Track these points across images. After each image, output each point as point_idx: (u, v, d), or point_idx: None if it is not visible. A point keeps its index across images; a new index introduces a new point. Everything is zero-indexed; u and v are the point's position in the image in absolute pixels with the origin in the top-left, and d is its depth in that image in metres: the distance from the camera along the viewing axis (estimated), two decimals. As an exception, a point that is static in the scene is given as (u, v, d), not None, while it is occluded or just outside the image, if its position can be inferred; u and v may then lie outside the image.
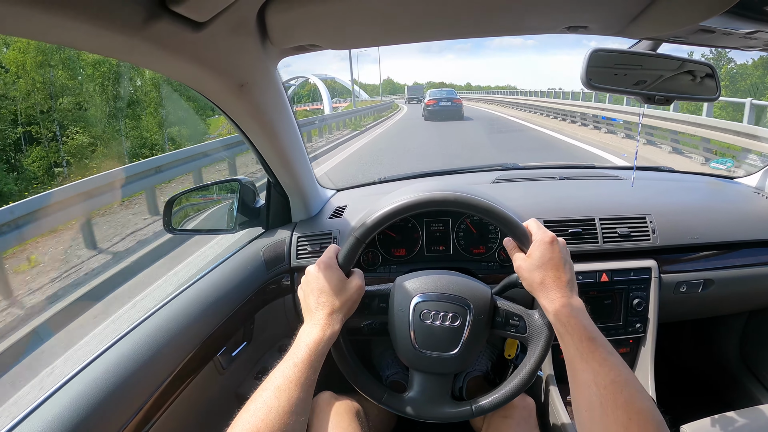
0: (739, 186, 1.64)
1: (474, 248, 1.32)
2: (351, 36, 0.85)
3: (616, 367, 0.69)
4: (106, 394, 0.78)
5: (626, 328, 1.30)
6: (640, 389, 0.67)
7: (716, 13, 0.64)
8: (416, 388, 0.94)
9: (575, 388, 0.72)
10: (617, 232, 1.31)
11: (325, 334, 0.80)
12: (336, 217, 1.40)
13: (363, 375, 0.94)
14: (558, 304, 0.78)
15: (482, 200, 0.91)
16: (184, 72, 0.79)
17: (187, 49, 0.70)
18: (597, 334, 0.74)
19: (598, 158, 8.73)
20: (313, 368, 0.77)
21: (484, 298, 0.92)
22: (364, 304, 0.93)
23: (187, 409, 0.97)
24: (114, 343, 0.89)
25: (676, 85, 0.97)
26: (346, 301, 0.85)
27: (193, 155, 8.19)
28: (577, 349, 0.72)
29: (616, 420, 0.62)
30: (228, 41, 0.75)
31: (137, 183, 6.65)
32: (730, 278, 1.37)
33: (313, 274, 0.89)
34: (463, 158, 10.17)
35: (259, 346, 1.29)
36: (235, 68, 0.84)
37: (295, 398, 0.72)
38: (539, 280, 0.82)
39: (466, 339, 0.89)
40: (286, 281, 1.31)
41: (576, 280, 0.83)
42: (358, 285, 0.88)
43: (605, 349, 0.71)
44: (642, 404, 0.64)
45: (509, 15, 0.78)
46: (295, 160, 1.22)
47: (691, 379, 1.90)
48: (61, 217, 5.27)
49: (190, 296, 1.07)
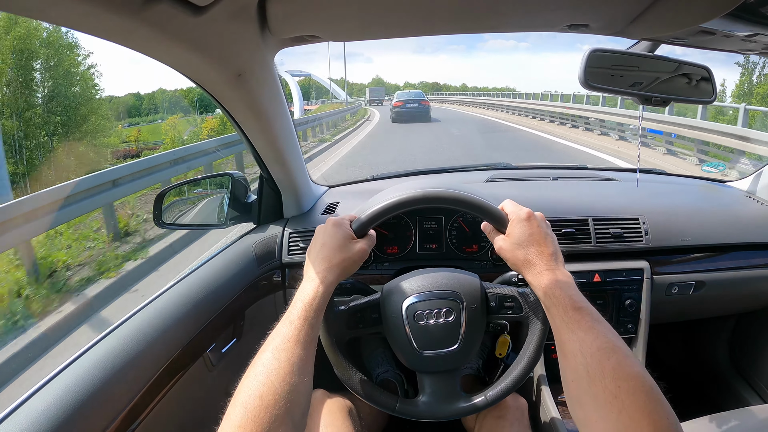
0: (731, 189, 1.65)
1: (467, 247, 1.32)
2: (351, 28, 0.84)
3: (603, 333, 0.67)
4: (94, 389, 0.76)
5: (618, 329, 1.30)
6: (629, 354, 0.65)
7: (718, 14, 0.63)
8: (427, 390, 0.92)
9: (562, 360, 0.69)
10: (610, 233, 1.31)
11: (320, 288, 0.78)
12: (328, 214, 1.39)
13: (371, 387, 0.92)
14: (544, 279, 0.76)
15: (448, 191, 0.90)
16: (182, 59, 0.78)
17: (186, 34, 0.69)
18: (584, 304, 0.72)
19: (596, 160, 8.77)
20: (310, 324, 0.74)
21: (473, 287, 0.91)
22: (356, 318, 0.92)
23: (176, 405, 0.96)
24: (102, 338, 0.87)
25: (673, 88, 0.98)
26: (345, 259, 0.83)
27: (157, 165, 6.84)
28: (563, 320, 0.70)
29: (605, 388, 0.60)
30: (227, 28, 0.74)
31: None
32: (721, 280, 1.38)
33: (320, 230, 0.87)
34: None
35: (249, 342, 1.27)
36: (232, 57, 0.83)
37: (295, 357, 0.69)
38: (522, 258, 0.80)
39: (465, 331, 0.88)
40: (278, 277, 1.30)
41: (560, 252, 0.82)
42: (362, 248, 0.86)
43: (591, 317, 0.69)
44: (631, 369, 0.61)
45: (512, 11, 0.78)
46: (289, 154, 1.21)
47: (681, 380, 1.91)
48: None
49: (181, 291, 1.05)
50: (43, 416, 0.69)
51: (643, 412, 0.56)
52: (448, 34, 0.87)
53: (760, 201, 1.51)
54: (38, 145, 15.84)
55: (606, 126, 11.98)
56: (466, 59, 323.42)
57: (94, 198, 5.35)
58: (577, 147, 10.85)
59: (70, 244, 5.35)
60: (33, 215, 4.37)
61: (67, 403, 0.72)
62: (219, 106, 0.99)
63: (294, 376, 0.67)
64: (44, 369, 3.11)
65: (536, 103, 17.37)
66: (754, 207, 1.49)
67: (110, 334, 0.89)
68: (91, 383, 0.77)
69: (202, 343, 1.04)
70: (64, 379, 0.76)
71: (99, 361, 0.81)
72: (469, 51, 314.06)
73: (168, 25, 0.64)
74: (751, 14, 0.66)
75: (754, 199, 1.53)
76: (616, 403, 0.58)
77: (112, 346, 0.85)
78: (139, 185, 6.33)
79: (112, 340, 0.87)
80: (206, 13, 0.65)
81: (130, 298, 4.04)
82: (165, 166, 7.05)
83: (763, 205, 1.49)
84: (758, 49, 0.85)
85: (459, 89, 35.89)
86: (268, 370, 0.67)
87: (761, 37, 0.76)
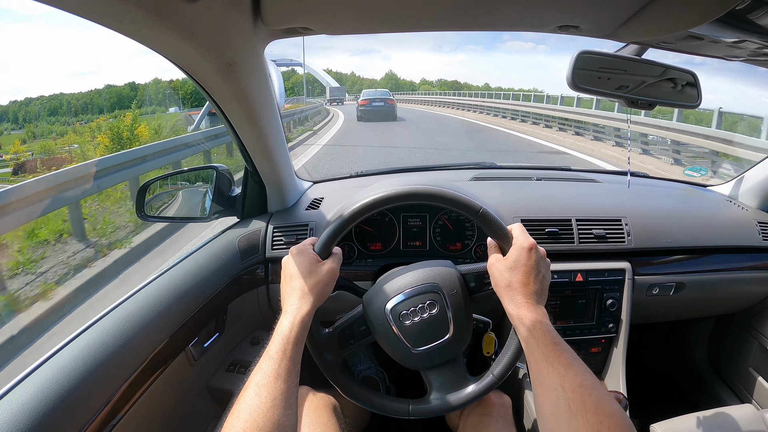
0: (712, 194, 1.68)
1: (450, 245, 1.33)
2: (343, 21, 0.84)
3: (582, 371, 0.68)
4: (76, 383, 0.75)
5: (599, 328, 1.32)
6: (607, 394, 0.67)
7: (707, 20, 0.64)
8: (435, 384, 0.93)
9: (540, 392, 0.71)
10: (593, 234, 1.33)
11: (296, 319, 0.78)
12: (313, 209, 1.39)
13: (381, 398, 0.93)
14: (523, 310, 0.77)
15: (470, 199, 0.90)
16: (173, 46, 0.78)
17: (179, 21, 0.68)
18: (560, 340, 0.73)
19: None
20: (289, 358, 0.74)
21: (449, 274, 0.92)
22: (346, 335, 0.92)
23: (157, 400, 0.95)
24: (83, 331, 0.86)
25: (658, 91, 0.99)
26: (316, 284, 0.83)
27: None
28: (542, 353, 0.72)
29: (586, 423, 0.61)
30: (221, 16, 0.73)
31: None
32: (701, 282, 1.41)
33: (285, 262, 0.87)
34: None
35: (232, 337, 1.27)
36: (224, 46, 0.82)
37: (277, 392, 0.70)
38: (506, 282, 0.81)
39: (453, 318, 0.89)
40: (261, 272, 1.29)
41: (547, 294, 0.83)
42: (330, 267, 0.86)
43: (570, 354, 0.71)
44: (611, 408, 0.63)
45: (503, 10, 0.78)
46: (275, 147, 1.20)
47: (661, 380, 1.95)
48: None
49: (163, 285, 1.04)
50: (22, 410, 0.68)
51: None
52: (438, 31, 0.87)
53: (740, 205, 1.54)
54: None
55: (599, 130, 11.83)
56: (486, 59, 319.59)
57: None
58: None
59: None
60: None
61: (48, 397, 0.71)
62: (207, 96, 0.98)
63: (276, 410, 0.68)
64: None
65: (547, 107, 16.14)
66: (735, 211, 1.52)
67: (91, 327, 0.87)
68: (73, 377, 0.76)
69: (184, 337, 1.03)
70: (44, 372, 0.75)
71: (80, 354, 0.80)
72: (487, 51, 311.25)
73: (162, 10, 0.64)
74: (738, 21, 0.66)
75: (735, 204, 1.56)
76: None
77: (93, 339, 0.84)
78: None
79: (94, 334, 0.85)
80: (201, 0, 0.65)
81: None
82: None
83: (744, 209, 1.52)
84: (744, 56, 0.86)
85: (482, 89, 34.77)
86: (250, 407, 0.68)
87: (748, 44, 0.77)
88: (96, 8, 0.60)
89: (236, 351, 1.30)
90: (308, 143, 12.27)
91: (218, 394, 1.18)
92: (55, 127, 29.07)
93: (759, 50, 0.80)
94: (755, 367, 1.57)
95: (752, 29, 0.70)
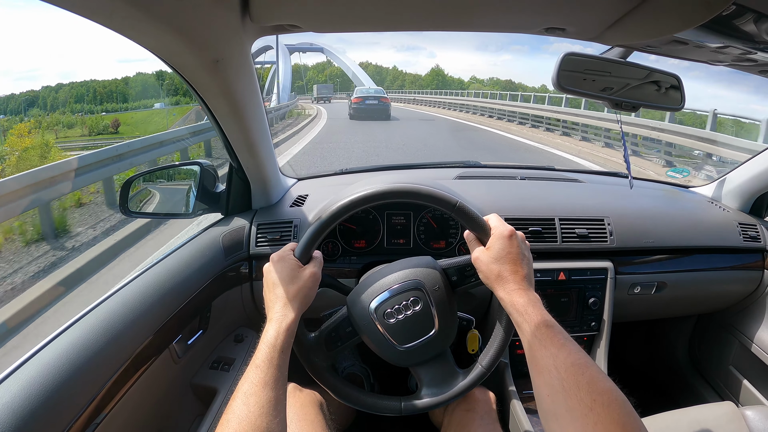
0: (694, 195, 1.71)
1: (434, 242, 1.33)
2: (330, 19, 0.84)
3: (575, 350, 0.69)
4: (59, 381, 0.75)
5: (581, 326, 1.34)
6: (601, 371, 0.67)
7: (692, 25, 0.65)
8: (425, 380, 0.93)
9: (536, 374, 0.71)
10: (576, 233, 1.34)
11: (281, 327, 0.78)
12: (297, 206, 1.38)
13: (372, 398, 0.93)
14: (516, 296, 0.78)
15: (444, 193, 0.91)
16: (161, 41, 0.78)
17: (168, 16, 0.68)
18: (554, 323, 0.74)
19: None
20: (276, 366, 0.75)
21: (431, 269, 0.92)
22: (333, 338, 0.92)
23: (141, 397, 0.94)
24: (66, 329, 0.85)
25: (642, 94, 1.00)
26: (299, 290, 0.83)
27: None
28: (535, 335, 0.72)
29: (580, 401, 0.62)
30: (209, 13, 0.73)
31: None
32: (683, 281, 1.43)
33: (267, 269, 0.87)
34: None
35: (216, 334, 1.26)
36: (212, 42, 0.82)
37: (264, 400, 0.70)
38: (496, 273, 0.82)
39: (437, 313, 0.89)
40: (245, 269, 1.29)
41: (534, 276, 0.84)
42: (312, 272, 0.86)
43: (563, 335, 0.72)
44: (604, 385, 0.64)
45: (489, 12, 0.78)
46: (260, 144, 1.20)
47: (643, 378, 1.98)
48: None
49: (146, 282, 1.03)
50: (6, 409, 0.67)
51: (617, 424, 0.59)
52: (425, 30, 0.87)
53: (722, 207, 1.57)
54: None
55: (610, 137, 11.35)
56: (533, 60, 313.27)
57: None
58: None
59: None
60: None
61: (32, 396, 0.70)
62: (193, 92, 0.98)
63: (265, 418, 0.68)
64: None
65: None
66: (716, 212, 1.54)
67: (74, 325, 0.86)
68: (57, 375, 0.75)
69: (168, 334, 1.03)
70: (27, 371, 0.74)
71: (63, 352, 0.79)
72: (533, 52, 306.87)
73: (151, 6, 0.63)
74: (723, 27, 0.67)
75: (717, 205, 1.58)
76: (591, 415, 0.60)
77: (77, 337, 0.83)
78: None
79: (77, 332, 0.85)
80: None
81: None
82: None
83: (725, 210, 1.54)
84: (728, 61, 0.87)
85: (539, 90, 33.72)
86: (239, 417, 0.68)
87: (731, 49, 0.77)
88: (86, 3, 0.60)
89: (220, 348, 1.29)
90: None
91: (202, 391, 1.17)
92: (65, 117, 28.14)
93: (742, 56, 0.81)
94: (735, 365, 1.60)
95: (736, 35, 0.70)
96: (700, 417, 1.11)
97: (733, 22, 0.66)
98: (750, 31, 0.67)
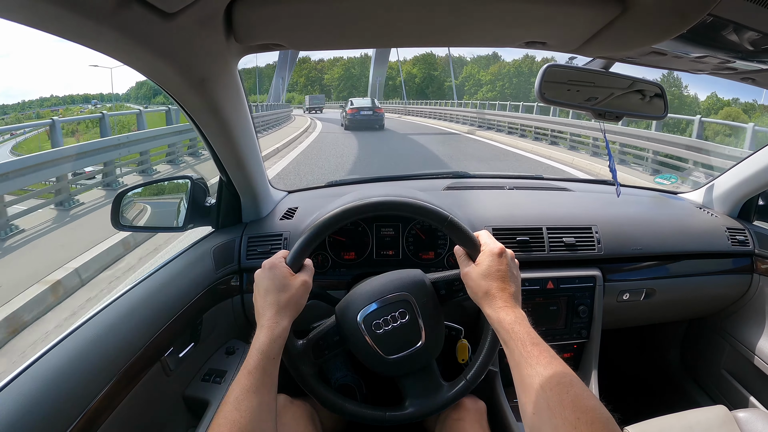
0: (682, 201, 1.72)
1: (423, 254, 1.34)
2: (314, 38, 0.85)
3: (561, 370, 0.70)
4: (50, 396, 0.75)
5: (570, 334, 1.35)
6: (586, 389, 0.68)
7: (668, 37, 0.66)
8: (410, 392, 0.94)
9: (522, 392, 0.72)
10: (563, 242, 1.35)
11: (273, 334, 0.79)
12: (287, 219, 1.39)
13: (357, 407, 0.93)
14: (501, 313, 0.79)
15: (435, 208, 0.92)
16: (148, 63, 0.78)
17: (153, 39, 0.69)
18: (540, 341, 0.75)
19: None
20: (267, 372, 0.75)
21: (419, 282, 0.93)
22: (320, 346, 0.92)
23: (133, 411, 0.94)
24: (58, 343, 0.85)
25: (626, 103, 1.01)
26: (290, 298, 0.84)
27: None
28: (521, 354, 0.73)
29: (565, 420, 0.63)
30: (194, 34, 0.73)
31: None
32: (672, 287, 1.44)
33: (258, 276, 0.87)
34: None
35: (207, 347, 1.26)
36: (198, 62, 0.83)
37: (255, 406, 0.70)
38: (484, 290, 0.83)
39: (424, 325, 0.90)
40: (235, 282, 1.29)
41: (521, 294, 0.85)
42: (303, 281, 0.87)
43: (549, 354, 0.73)
44: (588, 402, 0.65)
45: (469, 27, 0.79)
46: (249, 159, 1.20)
47: (635, 384, 1.98)
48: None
49: (137, 295, 1.03)
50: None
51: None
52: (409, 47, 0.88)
53: (710, 212, 1.58)
54: None
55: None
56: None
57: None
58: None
59: None
60: None
61: (24, 410, 0.70)
62: (182, 110, 0.99)
63: (256, 423, 0.69)
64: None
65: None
66: (704, 218, 1.55)
67: (65, 339, 0.86)
68: (47, 390, 0.75)
69: (159, 347, 1.02)
70: (18, 386, 0.74)
71: (55, 366, 0.79)
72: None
73: (136, 29, 0.64)
74: (700, 37, 0.69)
75: (704, 210, 1.60)
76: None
77: (67, 351, 0.83)
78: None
79: (68, 345, 0.85)
80: (175, 20, 0.65)
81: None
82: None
83: (713, 215, 1.56)
84: (708, 69, 0.88)
85: (530, 99, 31.92)
86: (230, 422, 0.68)
87: (710, 58, 0.79)
88: (72, 29, 0.60)
89: (212, 360, 1.29)
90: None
91: (194, 403, 1.17)
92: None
93: (722, 64, 0.83)
94: (727, 369, 1.61)
95: (713, 45, 0.72)
96: (693, 421, 1.12)
97: (710, 33, 0.67)
98: (727, 40, 0.69)
